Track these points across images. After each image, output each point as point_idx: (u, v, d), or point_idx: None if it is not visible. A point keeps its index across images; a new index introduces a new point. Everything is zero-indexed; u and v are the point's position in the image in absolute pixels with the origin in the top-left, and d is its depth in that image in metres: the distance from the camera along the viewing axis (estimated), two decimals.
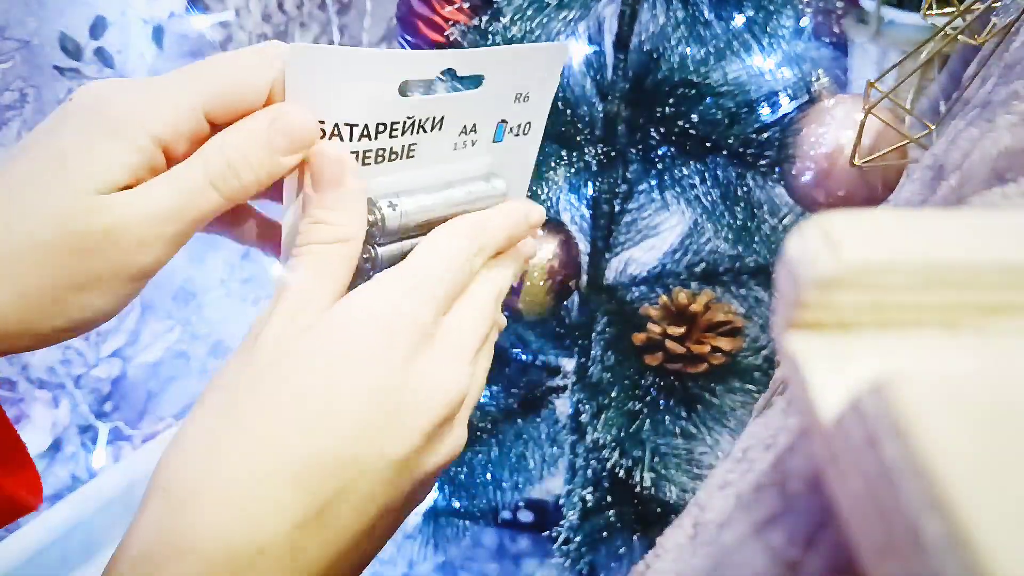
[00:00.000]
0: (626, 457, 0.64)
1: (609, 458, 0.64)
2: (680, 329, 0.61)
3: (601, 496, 0.70)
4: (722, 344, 0.62)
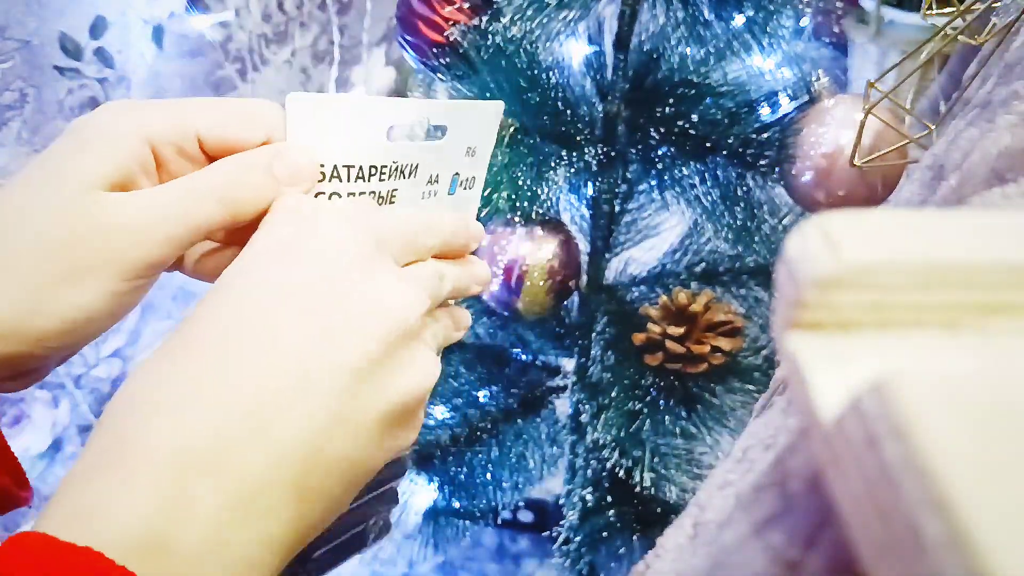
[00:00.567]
0: (626, 457, 0.64)
1: (609, 458, 0.64)
2: (680, 329, 0.61)
3: (601, 496, 0.70)
4: (722, 344, 0.62)
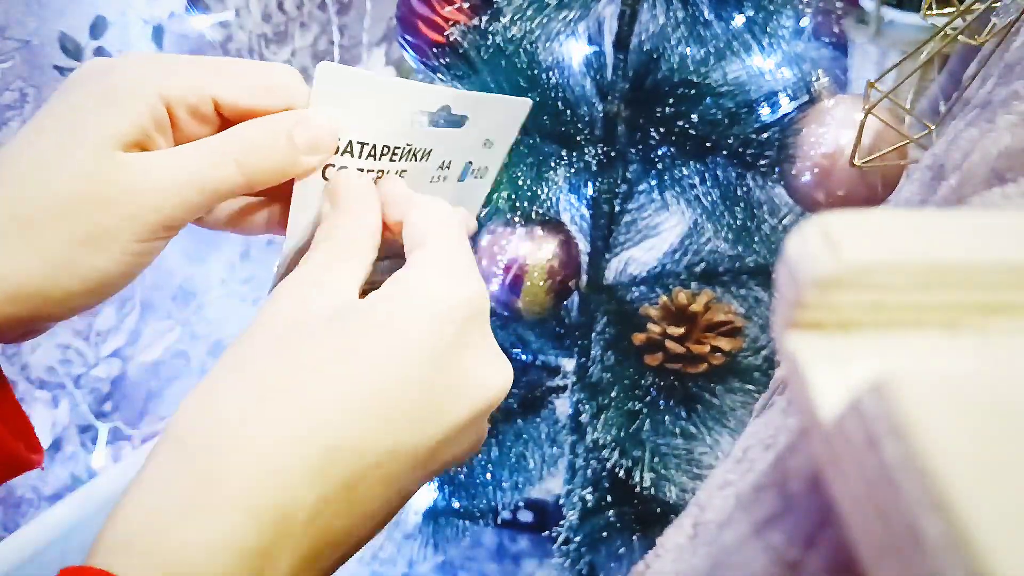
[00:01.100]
0: (626, 457, 0.64)
1: (609, 458, 0.64)
2: (680, 329, 0.61)
3: (601, 496, 0.70)
4: (722, 344, 0.62)
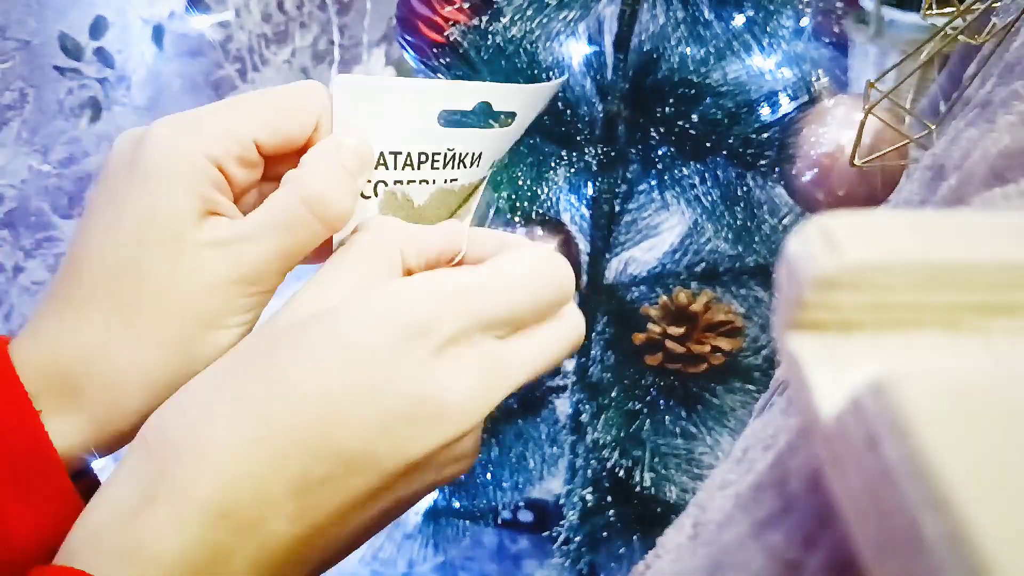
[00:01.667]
0: (626, 457, 0.64)
1: (609, 458, 0.64)
2: (680, 329, 0.61)
3: (601, 496, 0.70)
4: (722, 344, 0.62)
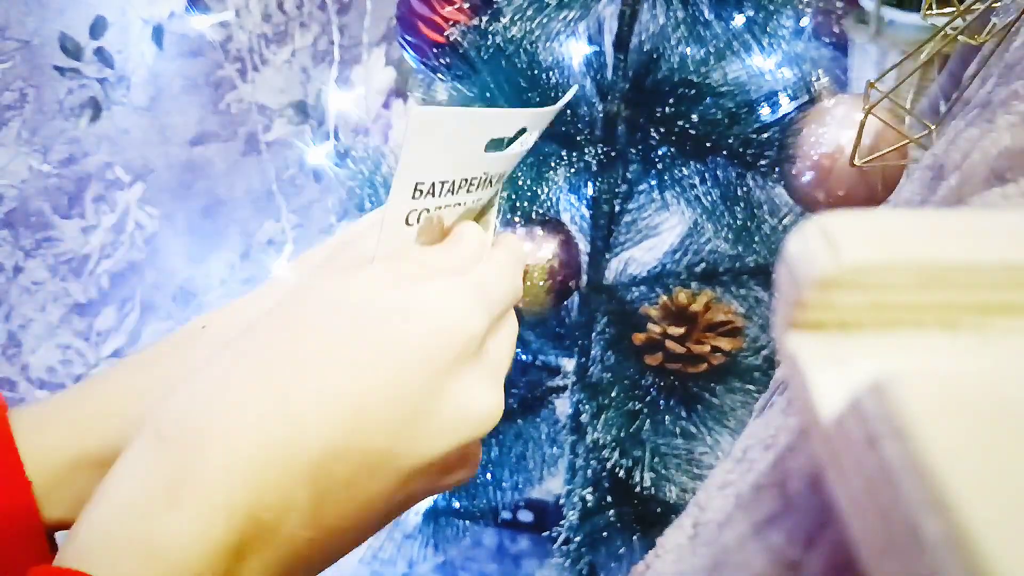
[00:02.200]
0: (626, 457, 0.64)
1: (609, 458, 0.64)
2: (680, 329, 0.61)
3: (601, 496, 0.70)
4: (722, 344, 0.62)
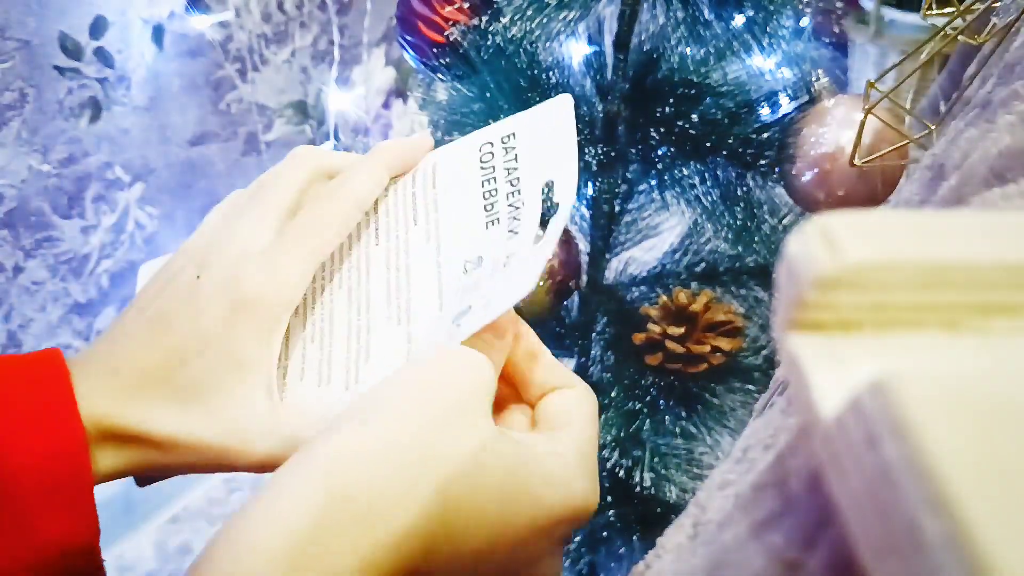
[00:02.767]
0: (626, 457, 0.64)
1: (609, 458, 0.64)
2: (680, 329, 0.61)
3: (601, 496, 0.70)
4: (722, 344, 0.62)
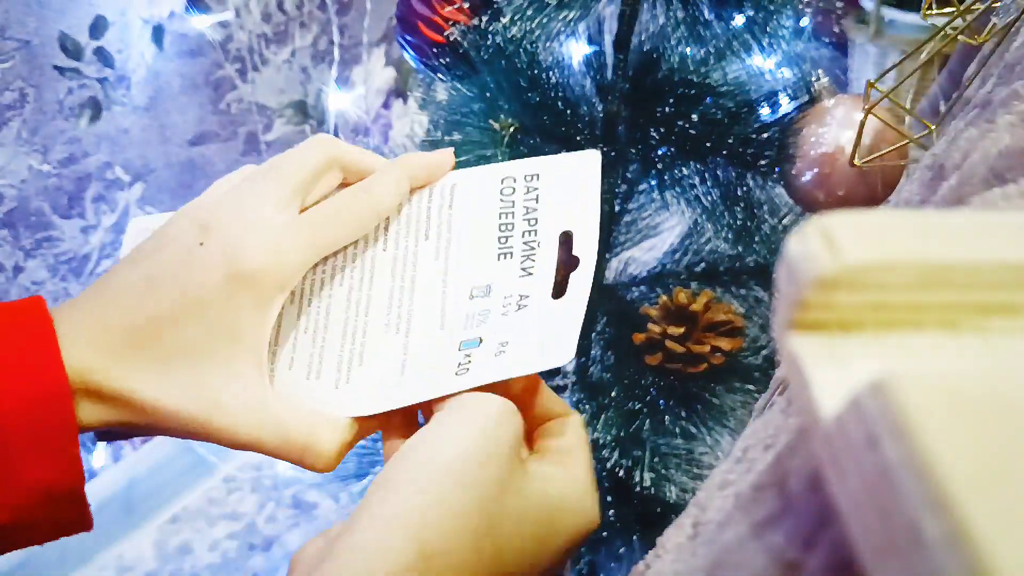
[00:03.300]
0: (626, 457, 0.64)
1: (609, 458, 0.64)
2: (680, 329, 0.61)
3: (601, 496, 0.70)
4: (722, 344, 0.62)
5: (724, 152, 0.58)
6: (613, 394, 0.65)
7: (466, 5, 0.58)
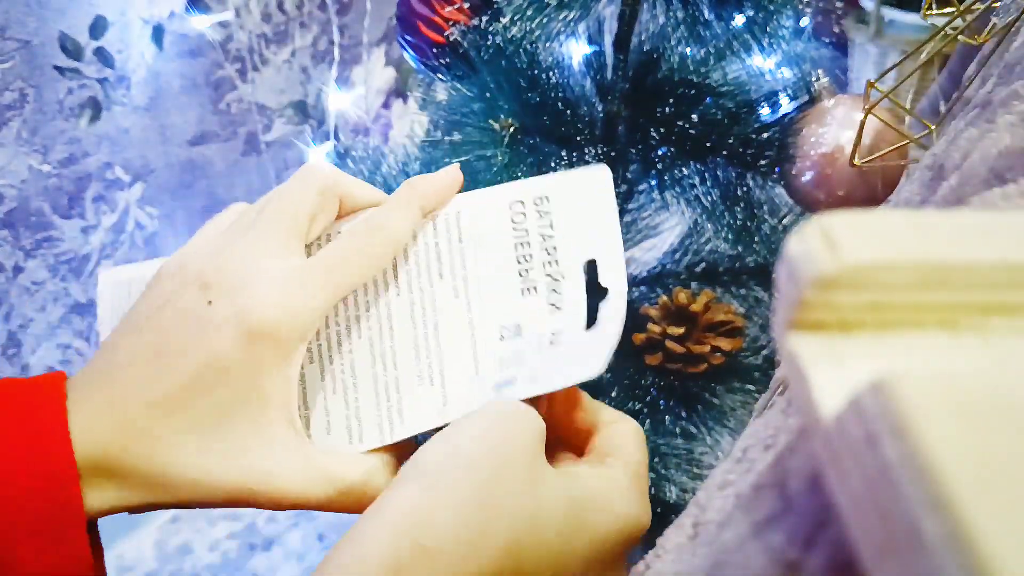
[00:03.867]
0: None
1: None
2: (680, 329, 0.61)
3: None
4: (722, 344, 0.62)
5: (724, 152, 0.58)
6: (613, 394, 0.65)
7: (466, 5, 0.58)
